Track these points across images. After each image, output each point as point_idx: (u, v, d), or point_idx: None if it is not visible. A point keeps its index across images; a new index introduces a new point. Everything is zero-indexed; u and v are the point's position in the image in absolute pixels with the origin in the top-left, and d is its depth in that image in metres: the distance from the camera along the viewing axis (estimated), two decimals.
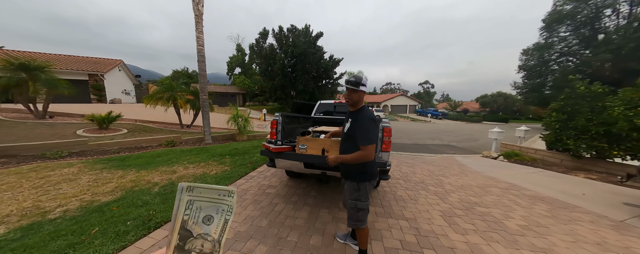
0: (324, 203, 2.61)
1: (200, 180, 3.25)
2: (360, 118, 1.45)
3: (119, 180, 3.21)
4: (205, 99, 6.15)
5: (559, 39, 19.68)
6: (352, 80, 1.44)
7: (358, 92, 1.45)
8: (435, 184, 3.58)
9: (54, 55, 15.43)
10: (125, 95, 18.49)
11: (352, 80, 1.44)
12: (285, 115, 2.65)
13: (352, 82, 1.44)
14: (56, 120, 7.59)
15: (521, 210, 2.69)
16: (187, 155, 4.72)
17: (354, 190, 1.50)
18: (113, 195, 2.73)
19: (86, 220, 2.12)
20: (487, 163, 5.45)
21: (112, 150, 4.96)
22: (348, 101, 1.49)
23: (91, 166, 3.77)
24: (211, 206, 0.30)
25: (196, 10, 5.79)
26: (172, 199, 2.59)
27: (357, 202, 1.49)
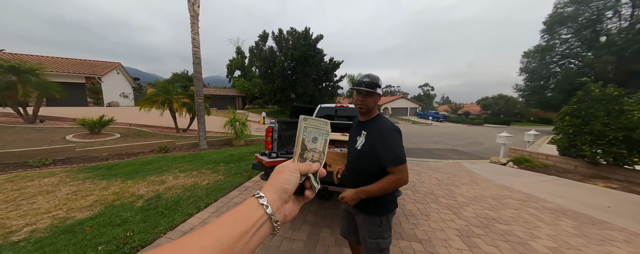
0: (326, 221, 2.33)
1: (190, 192, 2.97)
2: (381, 130, 1.10)
3: (101, 192, 2.93)
4: (200, 102, 5.90)
5: (560, 41, 19.56)
6: (366, 81, 1.09)
7: (374, 96, 1.12)
8: (446, 195, 3.29)
9: (51, 58, 15.28)
10: (123, 98, 18.28)
11: (366, 80, 1.09)
12: (282, 121, 2.38)
13: (367, 82, 1.09)
14: (47, 125, 7.33)
15: (546, 227, 2.40)
16: (179, 162, 4.44)
17: (375, 226, 1.13)
18: (91, 210, 2.45)
19: (52, 244, 1.84)
20: (497, 170, 5.16)
21: (100, 157, 4.68)
22: (361, 107, 1.14)
23: (74, 176, 3.50)
24: (316, 130, 0.45)
25: (192, 10, 5.59)
26: (156, 215, 2.32)
27: (380, 241, 1.13)
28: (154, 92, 7.24)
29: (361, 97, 1.13)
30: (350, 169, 1.24)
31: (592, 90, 4.67)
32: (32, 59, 12.24)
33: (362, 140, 1.15)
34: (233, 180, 3.45)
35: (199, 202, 2.65)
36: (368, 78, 1.11)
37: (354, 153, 1.20)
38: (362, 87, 1.10)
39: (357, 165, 1.18)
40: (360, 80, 1.12)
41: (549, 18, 19.36)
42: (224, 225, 0.29)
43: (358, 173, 1.18)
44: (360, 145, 1.15)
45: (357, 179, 1.18)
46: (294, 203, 0.38)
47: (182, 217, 2.29)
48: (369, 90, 1.09)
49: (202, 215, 2.38)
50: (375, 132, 1.11)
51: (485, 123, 29.38)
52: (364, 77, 1.13)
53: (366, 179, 1.11)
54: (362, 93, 1.12)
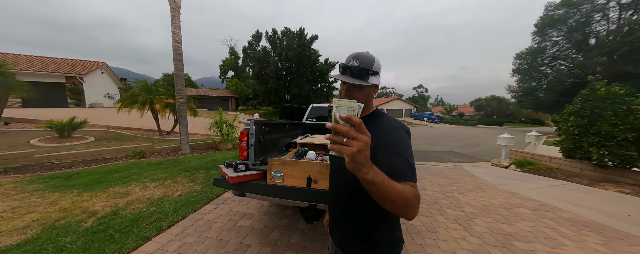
0: (315, 244, 1.92)
1: (155, 207, 2.50)
2: (387, 130, 0.70)
3: (46, 208, 2.43)
4: (182, 102, 5.41)
5: (551, 43, 19.86)
6: (354, 66, 0.70)
7: (365, 89, 0.72)
8: (453, 205, 2.94)
9: (29, 56, 14.38)
10: (108, 99, 17.40)
11: (353, 64, 0.70)
12: (262, 122, 1.97)
13: (355, 69, 0.69)
14: (12, 127, 6.66)
15: (571, 245, 2.06)
16: (153, 169, 3.95)
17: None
18: (23, 233, 1.96)
19: None
20: (500, 173, 4.87)
21: (63, 164, 4.14)
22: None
23: (22, 188, 2.97)
24: (346, 109, 0.47)
25: (172, 2, 5.12)
26: (103, 240, 1.85)
27: None
28: (133, 92, 6.70)
29: (346, 89, 0.72)
30: (336, 189, 0.80)
31: (597, 89, 4.45)
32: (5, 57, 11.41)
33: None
34: (210, 191, 3.00)
35: (163, 220, 2.19)
36: (356, 60, 0.70)
37: (341, 169, 0.76)
38: (346, 75, 0.71)
39: (348, 183, 0.74)
40: (344, 64, 0.72)
41: (540, 20, 19.66)
42: None
43: (351, 195, 0.74)
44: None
45: (348, 204, 0.76)
46: None
47: (135, 242, 1.83)
48: (356, 82, 0.69)
49: (161, 238, 1.93)
50: (379, 134, 0.67)
51: (479, 124, 29.63)
52: (350, 58, 0.72)
53: (363, 204, 0.72)
54: (346, 84, 0.72)
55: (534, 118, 34.01)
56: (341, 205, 0.78)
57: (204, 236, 1.99)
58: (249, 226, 2.16)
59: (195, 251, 1.78)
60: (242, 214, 2.41)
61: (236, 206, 2.61)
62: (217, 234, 2.02)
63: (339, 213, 0.80)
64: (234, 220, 2.27)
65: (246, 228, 2.12)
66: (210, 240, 1.93)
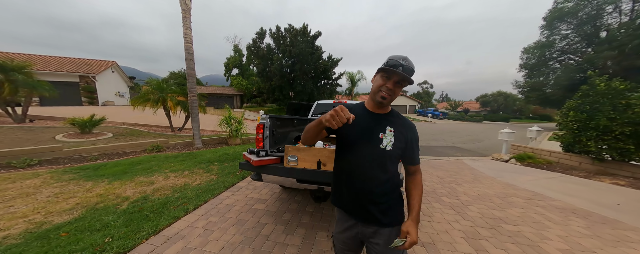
0: (322, 224, 2.18)
1: (179, 193, 2.80)
2: (411, 125, 0.95)
3: (85, 194, 2.76)
4: (194, 100, 5.71)
5: (560, 37, 19.39)
6: (405, 65, 0.83)
7: (404, 85, 0.89)
8: (449, 194, 3.15)
9: (44, 57, 14.97)
10: (118, 97, 18.00)
11: (404, 63, 0.83)
12: (275, 117, 2.22)
13: (407, 67, 0.83)
14: (37, 124, 7.11)
15: (556, 228, 2.27)
16: (171, 161, 4.27)
17: (396, 236, 0.93)
18: (71, 214, 2.29)
19: (22, 252, 1.68)
20: (499, 167, 5.03)
21: (89, 157, 4.51)
22: (386, 97, 0.86)
23: (58, 177, 3.32)
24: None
25: (183, 4, 5.37)
26: (140, 219, 2.15)
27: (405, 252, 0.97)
28: (147, 90, 7.04)
29: (392, 83, 0.85)
30: (367, 175, 0.91)
31: (597, 84, 4.53)
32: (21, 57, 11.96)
33: (390, 138, 0.90)
34: (226, 180, 3.29)
35: (188, 204, 2.49)
36: (405, 61, 0.84)
37: (377, 154, 0.90)
38: (399, 71, 0.82)
39: (381, 170, 0.90)
40: (396, 61, 0.83)
41: (549, 14, 19.17)
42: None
43: (381, 180, 0.91)
44: (389, 145, 0.89)
45: (378, 189, 0.91)
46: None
47: (167, 221, 2.13)
48: (408, 77, 0.83)
49: (189, 218, 2.22)
50: (406, 129, 0.93)
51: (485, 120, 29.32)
52: (399, 58, 0.84)
53: (389, 187, 0.93)
54: (395, 78, 0.84)
55: (542, 114, 33.40)
56: (371, 188, 0.92)
57: (225, 216, 2.27)
58: (263, 209, 2.43)
59: (219, 228, 2.06)
60: (256, 199, 2.69)
61: (250, 193, 2.89)
62: (237, 215, 2.30)
63: (367, 194, 0.92)
64: (250, 204, 2.55)
65: (261, 211, 2.40)
66: (231, 220, 2.21)
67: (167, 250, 1.73)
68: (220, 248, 1.76)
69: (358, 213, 0.95)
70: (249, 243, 1.85)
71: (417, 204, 0.91)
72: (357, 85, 27.84)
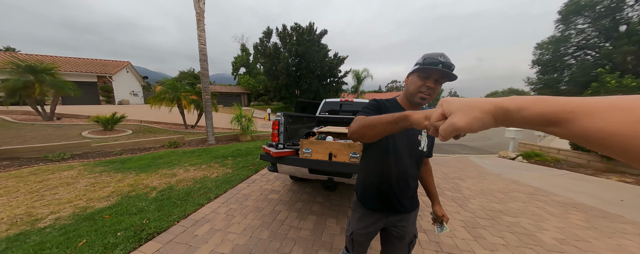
0: (331, 212, 2.38)
1: (200, 184, 3.08)
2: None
3: (117, 183, 3.08)
4: (207, 99, 6.02)
5: (576, 32, 18.63)
6: (445, 61, 0.77)
7: (445, 82, 0.83)
8: (452, 188, 3.28)
9: (64, 58, 15.80)
10: (133, 96, 18.78)
11: (443, 60, 0.77)
12: (288, 114, 2.43)
13: (446, 62, 0.77)
14: (63, 122, 7.66)
15: (554, 220, 2.38)
16: (189, 156, 4.58)
17: (416, 219, 1.08)
18: (108, 200, 2.59)
19: (75, 230, 1.97)
20: (505, 164, 5.08)
21: (114, 152, 4.89)
22: (426, 97, 0.82)
23: (91, 169, 3.67)
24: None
25: (198, 8, 5.64)
26: (169, 205, 2.43)
27: (416, 231, 1.09)
28: (162, 90, 7.42)
29: (432, 81, 0.79)
30: (406, 174, 0.94)
31: (607, 82, 4.49)
32: (47, 59, 12.69)
33: (425, 140, 0.95)
34: (241, 173, 3.55)
35: (209, 193, 2.75)
36: (443, 58, 0.77)
37: (415, 155, 0.94)
38: (438, 67, 0.75)
39: (414, 169, 0.96)
40: (433, 58, 0.77)
41: (565, 7, 18.43)
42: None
43: (412, 177, 0.97)
44: (425, 146, 0.95)
45: (406, 184, 0.96)
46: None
47: (193, 207, 2.39)
48: (449, 72, 0.76)
49: (212, 205, 2.48)
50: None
51: None
52: (436, 55, 0.77)
53: (414, 181, 1.00)
54: (436, 75, 0.78)
55: None
56: (407, 188, 0.96)
57: (243, 204, 2.51)
58: (277, 199, 2.66)
59: (239, 213, 2.30)
60: (270, 190, 2.92)
61: (264, 184, 3.13)
62: (254, 203, 2.54)
63: (402, 193, 0.96)
64: (265, 194, 2.79)
65: (275, 200, 2.63)
66: (249, 207, 2.45)
67: (197, 231, 1.98)
68: (242, 230, 2.00)
69: (390, 208, 0.97)
70: (267, 226, 2.07)
71: (435, 189, 1.12)
72: (363, 82, 27.78)
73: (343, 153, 1.68)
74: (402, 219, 1.00)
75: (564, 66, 19.73)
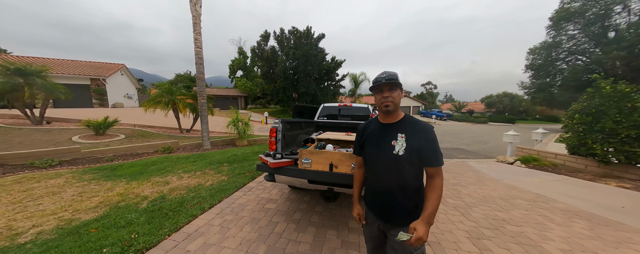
0: (331, 222, 2.29)
1: (194, 193, 2.95)
2: (424, 129, 1.02)
3: (106, 193, 2.94)
4: (203, 103, 5.90)
5: (567, 37, 19.15)
6: (384, 76, 1.03)
7: (397, 89, 1.03)
8: (453, 195, 3.23)
9: (56, 60, 15.48)
10: (127, 99, 18.46)
11: (384, 75, 1.03)
12: (286, 121, 2.35)
13: (387, 76, 1.02)
14: (53, 126, 7.42)
15: (558, 229, 2.33)
16: (183, 162, 4.44)
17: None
18: (96, 212, 2.45)
19: (58, 246, 1.83)
20: (504, 169, 5.06)
21: (105, 158, 4.71)
22: (388, 105, 1.02)
23: (79, 177, 3.52)
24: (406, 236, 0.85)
25: (194, 11, 5.58)
26: (160, 217, 2.30)
27: (423, 249, 1.05)
28: (158, 93, 7.28)
29: (386, 92, 1.02)
30: (384, 180, 1.05)
31: (602, 87, 4.54)
32: (38, 61, 12.42)
33: (402, 144, 1.01)
34: (237, 181, 3.43)
35: (203, 203, 2.63)
36: (385, 73, 1.04)
37: (391, 160, 1.03)
38: (382, 82, 1.02)
39: (397, 174, 1.02)
40: (377, 77, 1.06)
41: (555, 14, 18.97)
42: None
43: (399, 184, 1.03)
44: (401, 150, 1.00)
45: (397, 192, 1.03)
46: None
47: (186, 219, 2.27)
48: (392, 80, 1.00)
49: (206, 216, 2.36)
50: (419, 133, 1.01)
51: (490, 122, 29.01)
52: (380, 73, 1.06)
53: (408, 190, 1.03)
54: (385, 87, 1.02)
55: (549, 115, 32.89)
56: (388, 191, 1.05)
57: (239, 215, 2.40)
58: (275, 209, 2.56)
59: (235, 225, 2.19)
60: (267, 199, 2.82)
61: (261, 193, 3.03)
62: (250, 214, 2.43)
63: (385, 196, 1.06)
64: (262, 204, 2.68)
65: (273, 210, 2.53)
66: (245, 218, 2.34)
67: (189, 245, 1.86)
68: (237, 244, 1.89)
69: (381, 214, 1.09)
70: (264, 239, 1.97)
71: (430, 206, 0.94)
72: (360, 86, 27.92)
73: (344, 164, 1.61)
74: (391, 229, 1.05)
75: (556, 71, 20.20)
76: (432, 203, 0.95)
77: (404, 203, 1.03)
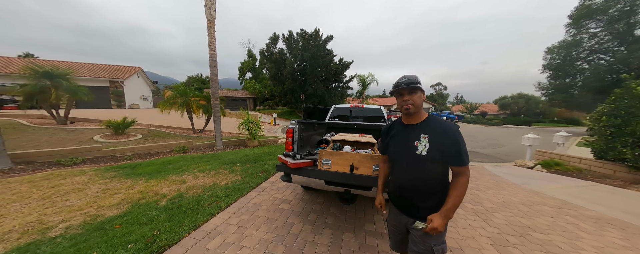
0: (347, 225, 2.26)
1: (210, 192, 3.01)
2: (448, 130, 1.03)
3: (127, 190, 3.05)
4: (216, 104, 6.04)
5: (588, 36, 18.20)
6: (404, 80, 1.06)
7: (418, 92, 1.06)
8: (472, 200, 3.11)
9: (78, 63, 16.38)
10: (143, 100, 19.21)
11: (403, 80, 1.07)
12: (302, 122, 2.36)
13: (406, 80, 1.06)
14: (76, 126, 7.82)
15: (590, 238, 2.19)
16: (197, 162, 4.55)
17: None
18: (119, 208, 2.54)
19: (86, 241, 1.91)
20: (523, 174, 4.84)
21: (124, 157, 4.91)
22: (409, 107, 1.06)
23: (102, 175, 3.67)
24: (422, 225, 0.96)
25: (208, 15, 5.75)
26: (180, 215, 2.36)
27: (444, 246, 1.05)
28: (172, 95, 7.53)
29: (406, 95, 1.07)
30: (410, 177, 1.09)
31: (632, 88, 4.26)
32: (63, 65, 13.17)
33: (425, 144, 1.03)
34: (250, 181, 3.47)
35: (220, 202, 2.67)
36: (405, 78, 1.08)
37: (414, 160, 1.06)
38: (402, 86, 1.06)
39: (421, 173, 1.06)
40: (398, 81, 1.09)
41: (575, 11, 18.11)
42: None
43: (423, 182, 1.06)
44: (424, 150, 1.03)
45: (422, 188, 1.07)
46: None
47: (204, 217, 2.31)
48: (412, 85, 1.03)
49: (223, 215, 2.39)
50: (443, 133, 1.03)
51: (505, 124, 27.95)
52: (400, 78, 1.10)
53: (432, 187, 1.05)
54: (405, 91, 1.06)
55: (568, 118, 31.28)
56: (413, 189, 1.10)
57: (255, 214, 2.43)
58: (289, 209, 2.56)
59: (252, 225, 2.21)
60: (281, 199, 2.83)
61: (275, 193, 3.04)
62: (266, 214, 2.45)
63: (410, 195, 1.11)
64: (276, 204, 2.69)
65: (288, 210, 2.53)
66: (261, 218, 2.35)
67: (209, 244, 1.89)
68: (255, 244, 1.90)
69: (404, 209, 1.15)
70: (281, 240, 1.97)
71: (451, 201, 0.99)
72: (368, 87, 27.69)
73: (365, 166, 1.59)
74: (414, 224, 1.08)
75: (577, 71, 19.21)
76: (453, 199, 0.99)
77: (427, 200, 1.07)
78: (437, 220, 0.97)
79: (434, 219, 0.98)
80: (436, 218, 0.98)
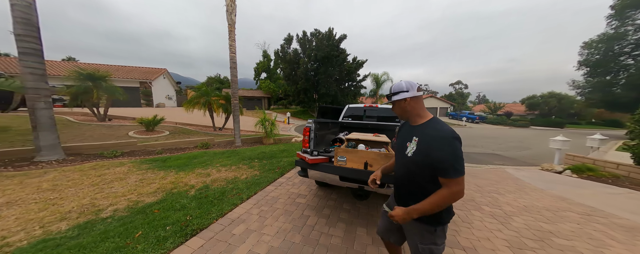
0: (360, 220, 2.36)
1: (232, 184, 3.26)
2: (435, 136, 0.98)
3: (161, 181, 3.40)
4: (236, 104, 6.39)
5: (634, 28, 16.28)
6: (388, 94, 1.18)
7: (398, 102, 1.12)
8: (490, 203, 3.04)
9: (113, 66, 18.00)
10: (168, 99, 20.64)
11: (388, 94, 1.18)
12: (317, 121, 2.49)
13: (388, 94, 1.17)
14: (113, 123, 8.69)
15: (619, 247, 2.07)
16: (219, 157, 4.89)
17: (428, 233, 1.06)
18: (155, 196, 2.87)
19: (131, 222, 2.21)
20: (550, 179, 4.56)
21: (155, 151, 5.40)
22: (397, 117, 1.25)
23: (138, 166, 4.10)
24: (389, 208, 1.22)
25: (229, 19, 6.09)
26: (207, 204, 2.61)
27: (433, 247, 1.05)
28: (195, 95, 8.07)
29: (393, 107, 1.18)
30: (400, 174, 1.17)
31: None
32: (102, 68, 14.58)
33: (413, 146, 1.06)
34: (268, 176, 3.69)
35: (242, 194, 2.90)
36: (391, 88, 1.17)
37: (404, 159, 1.12)
38: (388, 100, 1.18)
39: (406, 173, 1.12)
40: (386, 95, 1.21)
41: (619, 1, 16.27)
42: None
43: (410, 180, 1.10)
44: (410, 152, 1.06)
45: (410, 186, 1.11)
46: None
47: (229, 206, 2.54)
48: (392, 95, 1.13)
49: (245, 206, 2.61)
50: (429, 139, 1.00)
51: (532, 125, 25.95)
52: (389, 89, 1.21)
53: (420, 186, 1.05)
54: (387, 99, 1.18)
55: (608, 119, 28.20)
56: (404, 184, 1.15)
57: (273, 207, 2.61)
58: (305, 203, 2.72)
59: (271, 215, 2.40)
60: (297, 194, 3.00)
61: (291, 188, 3.22)
62: (283, 206, 2.62)
63: (402, 189, 1.18)
64: (292, 198, 2.86)
65: (303, 204, 2.69)
66: (279, 210, 2.53)
67: (234, 229, 2.10)
68: (275, 232, 2.08)
69: (398, 200, 1.22)
70: (298, 230, 2.13)
71: (421, 204, 0.97)
72: (382, 86, 27.16)
73: (379, 163, 1.68)
74: (410, 222, 1.08)
75: (619, 67, 17.29)
76: (423, 204, 0.97)
77: (409, 199, 1.07)
78: (398, 210, 1.03)
79: (397, 209, 1.04)
80: (399, 209, 1.03)
